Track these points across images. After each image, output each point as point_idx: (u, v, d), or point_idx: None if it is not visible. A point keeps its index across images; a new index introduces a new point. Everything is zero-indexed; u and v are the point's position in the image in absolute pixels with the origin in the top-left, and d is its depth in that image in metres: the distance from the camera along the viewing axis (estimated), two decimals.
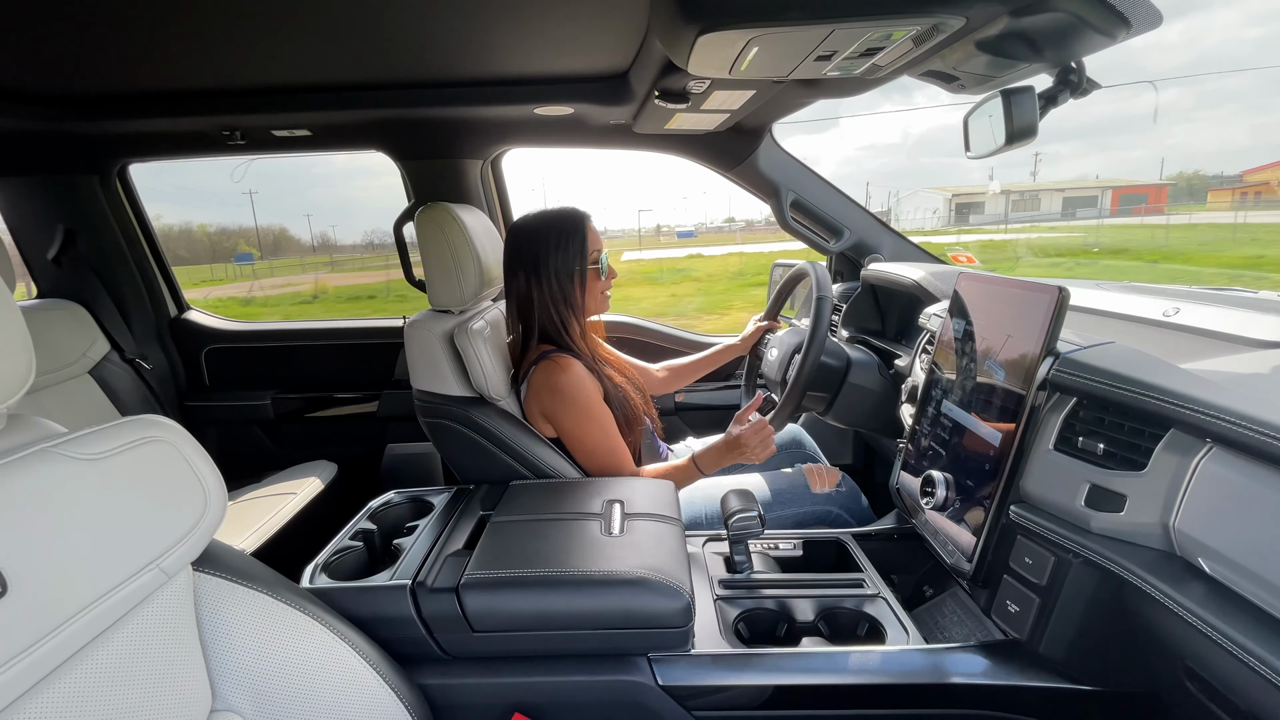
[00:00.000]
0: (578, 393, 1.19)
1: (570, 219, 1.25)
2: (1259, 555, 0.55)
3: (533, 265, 1.23)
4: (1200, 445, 0.62)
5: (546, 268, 1.23)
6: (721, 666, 0.85)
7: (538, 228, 1.24)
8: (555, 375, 1.19)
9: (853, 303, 1.63)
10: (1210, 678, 0.61)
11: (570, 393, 1.18)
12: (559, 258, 1.23)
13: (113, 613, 0.49)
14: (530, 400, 1.23)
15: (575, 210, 1.27)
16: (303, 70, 1.31)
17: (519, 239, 1.25)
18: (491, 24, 1.07)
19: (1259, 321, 0.78)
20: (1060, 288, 0.78)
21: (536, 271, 1.23)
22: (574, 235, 1.24)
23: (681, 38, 0.83)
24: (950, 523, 0.90)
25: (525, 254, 1.24)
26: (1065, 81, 0.89)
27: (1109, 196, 27.04)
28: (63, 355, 1.69)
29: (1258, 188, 20.81)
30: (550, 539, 0.92)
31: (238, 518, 1.56)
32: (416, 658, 0.85)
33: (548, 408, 1.21)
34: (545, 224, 1.25)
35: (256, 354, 2.12)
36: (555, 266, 1.23)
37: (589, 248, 1.25)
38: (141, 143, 1.76)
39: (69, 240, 1.82)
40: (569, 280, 1.24)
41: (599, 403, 1.21)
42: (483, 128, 1.68)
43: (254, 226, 55.23)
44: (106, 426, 0.52)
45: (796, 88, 1.24)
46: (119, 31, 1.06)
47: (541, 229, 1.24)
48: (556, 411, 1.20)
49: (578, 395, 1.19)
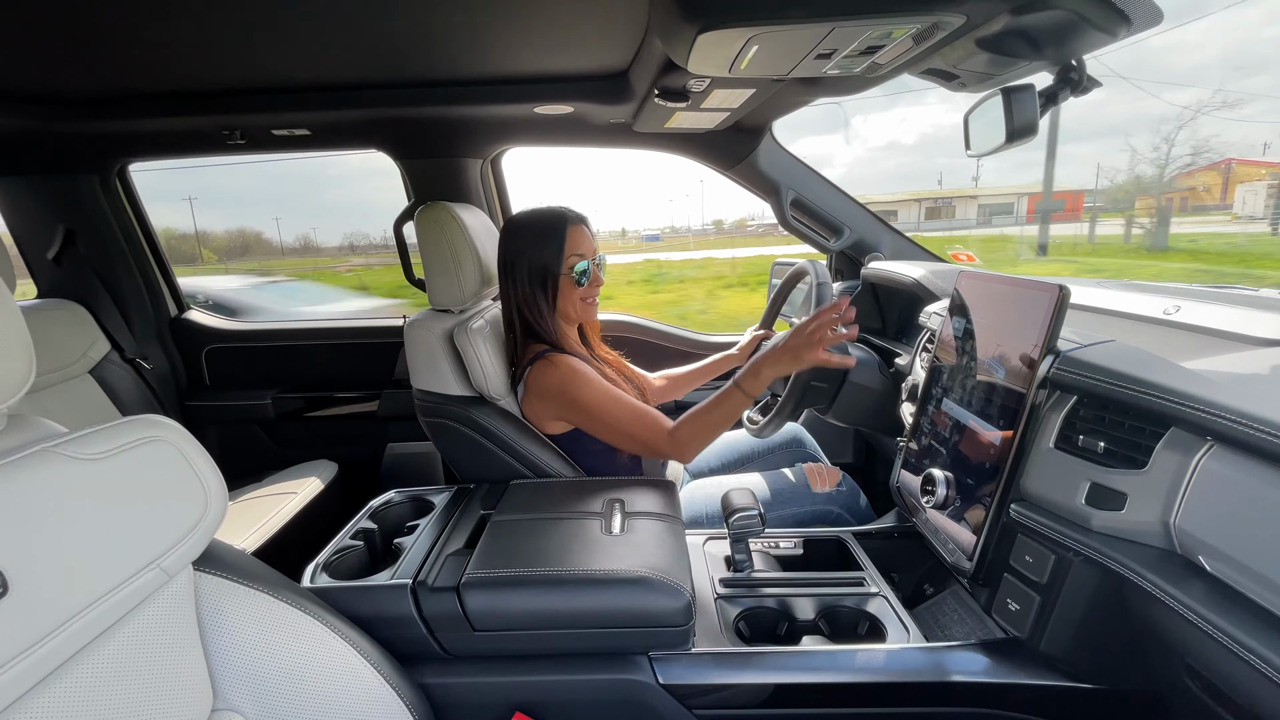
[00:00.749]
0: (579, 382, 1.16)
1: (551, 219, 1.21)
2: (1260, 553, 0.55)
3: (511, 263, 1.21)
4: (1201, 443, 0.62)
5: (519, 267, 1.20)
6: (722, 665, 0.85)
7: (519, 225, 1.22)
8: (550, 376, 1.17)
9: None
10: (1211, 675, 0.61)
11: (571, 389, 1.16)
12: (532, 258, 1.20)
13: (113, 612, 0.49)
14: (530, 401, 1.22)
15: (561, 211, 1.22)
16: (302, 70, 1.31)
17: (506, 233, 1.24)
18: (491, 23, 1.07)
19: (1259, 319, 0.78)
20: (1061, 286, 0.78)
21: (512, 270, 1.21)
22: (551, 237, 1.19)
23: (681, 36, 0.83)
24: (951, 521, 0.90)
25: (506, 251, 1.22)
26: (1066, 79, 0.89)
27: (1025, 203, 27.28)
28: (63, 355, 1.69)
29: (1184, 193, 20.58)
30: (551, 538, 0.92)
31: (238, 517, 1.57)
32: (417, 657, 0.85)
33: (557, 408, 1.19)
34: (526, 222, 1.22)
35: (257, 353, 2.12)
36: (529, 266, 1.20)
37: (566, 252, 1.20)
38: (142, 142, 1.76)
39: (69, 240, 1.82)
40: (539, 283, 1.20)
41: (603, 382, 1.18)
42: (482, 127, 1.68)
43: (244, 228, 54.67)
44: (107, 426, 0.52)
45: (796, 86, 1.23)
46: (119, 31, 1.06)
47: (522, 227, 1.22)
48: (568, 408, 1.18)
49: (580, 384, 1.16)
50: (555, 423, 1.23)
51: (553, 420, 1.23)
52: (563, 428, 1.24)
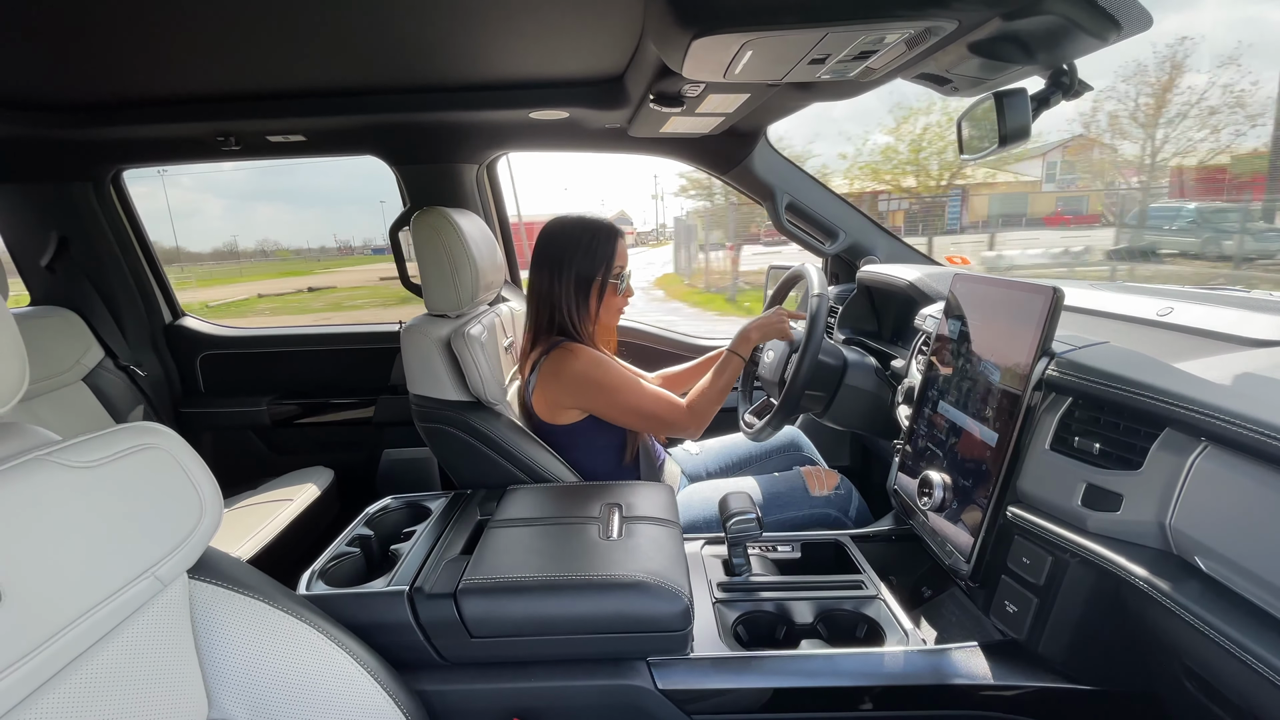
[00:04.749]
0: (598, 369, 1.22)
1: (605, 229, 1.29)
2: (1255, 553, 0.55)
3: (557, 264, 1.26)
4: (1195, 444, 0.63)
5: (570, 269, 1.25)
6: (721, 670, 0.85)
7: (571, 229, 1.28)
8: (572, 362, 1.21)
9: (848, 304, 1.63)
10: (1208, 676, 0.61)
11: (592, 371, 1.21)
12: (585, 262, 1.26)
13: (108, 621, 0.48)
14: (544, 390, 1.25)
15: (610, 222, 1.30)
16: (297, 76, 1.31)
17: (552, 235, 1.28)
18: (486, 28, 1.07)
19: (1252, 320, 0.79)
20: (1055, 288, 0.78)
21: (560, 270, 1.25)
22: (605, 244, 1.27)
23: (676, 41, 0.83)
24: (948, 523, 0.90)
25: (554, 251, 1.26)
26: (1058, 83, 0.90)
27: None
28: (56, 362, 1.68)
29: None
30: (548, 543, 0.92)
31: (234, 525, 1.56)
32: (414, 664, 0.84)
33: (574, 396, 1.24)
34: (581, 227, 1.28)
35: (252, 360, 2.11)
36: (578, 270, 1.25)
37: (615, 261, 1.28)
38: (135, 149, 1.75)
39: (63, 247, 1.81)
40: (588, 286, 1.26)
41: (619, 368, 1.26)
42: (477, 132, 1.69)
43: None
44: (101, 434, 0.52)
45: (791, 91, 1.24)
46: (112, 38, 1.06)
47: (575, 230, 1.27)
48: (586, 394, 1.23)
49: (599, 371, 1.22)
50: (568, 411, 1.26)
51: (567, 409, 1.26)
52: (574, 417, 1.26)
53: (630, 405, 1.23)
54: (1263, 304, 0.87)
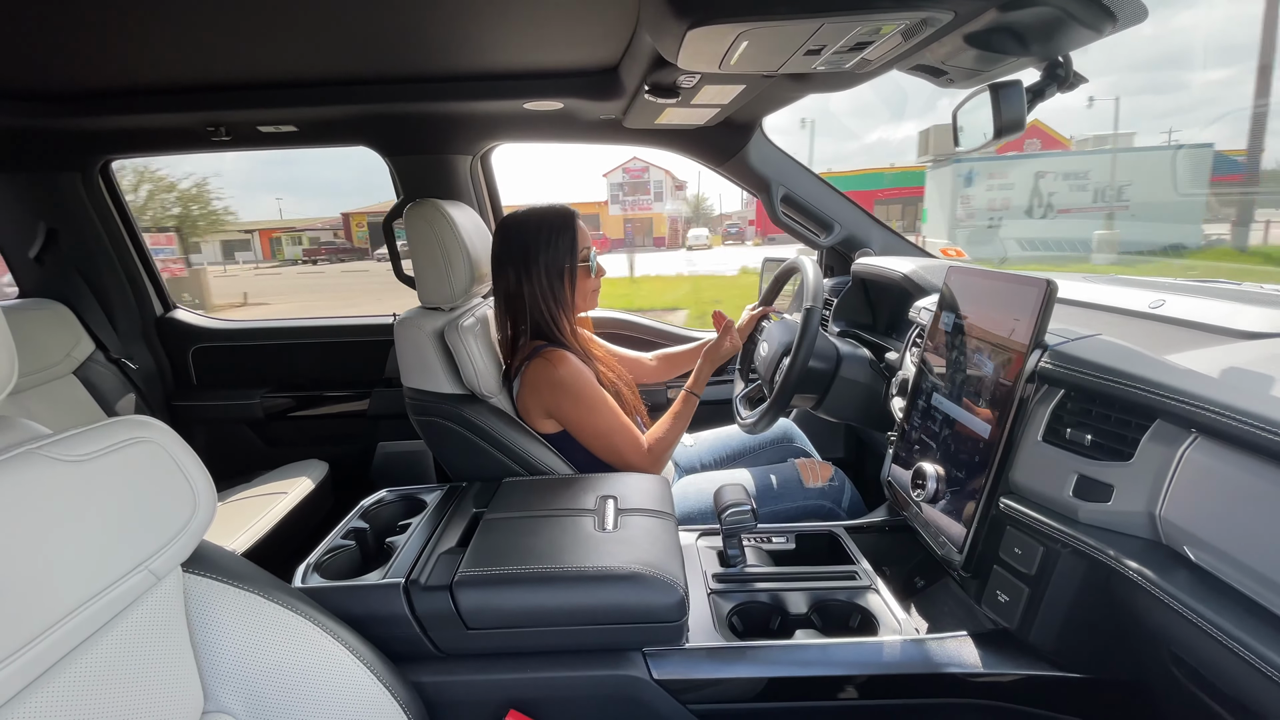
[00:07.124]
0: (576, 383, 1.19)
1: (561, 215, 1.25)
2: (1243, 543, 0.56)
3: (522, 261, 1.22)
4: (1185, 435, 0.63)
5: (537, 264, 1.22)
6: (716, 660, 0.85)
7: (528, 224, 1.24)
8: (551, 371, 1.19)
9: (843, 297, 1.63)
10: (1197, 664, 0.62)
11: (570, 385, 1.18)
12: (550, 254, 1.22)
13: (102, 615, 0.48)
14: (526, 397, 1.23)
15: (565, 208, 1.27)
16: (289, 65, 1.29)
17: (509, 234, 1.24)
18: (480, 18, 1.06)
19: (1243, 313, 0.79)
20: (1049, 281, 0.78)
21: (526, 268, 1.22)
22: (564, 232, 1.23)
23: (671, 32, 0.83)
24: (941, 514, 0.91)
25: (515, 250, 1.23)
26: (1053, 75, 0.90)
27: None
28: (46, 356, 1.66)
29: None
30: (544, 535, 0.92)
31: (228, 518, 1.55)
32: (411, 656, 0.85)
33: (549, 404, 1.21)
34: (536, 220, 1.24)
35: (245, 352, 2.10)
36: (545, 263, 1.22)
37: (579, 245, 1.25)
38: (124, 139, 1.73)
39: (51, 238, 1.79)
40: (559, 277, 1.23)
41: (598, 388, 1.22)
42: (471, 123, 1.67)
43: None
44: (92, 427, 0.51)
45: (787, 82, 1.24)
46: (100, 26, 1.04)
47: (532, 225, 1.23)
48: (560, 406, 1.20)
49: (578, 386, 1.19)
50: (546, 421, 1.24)
51: (544, 418, 1.23)
52: (554, 427, 1.24)
53: (600, 428, 1.21)
54: (1253, 297, 0.87)
